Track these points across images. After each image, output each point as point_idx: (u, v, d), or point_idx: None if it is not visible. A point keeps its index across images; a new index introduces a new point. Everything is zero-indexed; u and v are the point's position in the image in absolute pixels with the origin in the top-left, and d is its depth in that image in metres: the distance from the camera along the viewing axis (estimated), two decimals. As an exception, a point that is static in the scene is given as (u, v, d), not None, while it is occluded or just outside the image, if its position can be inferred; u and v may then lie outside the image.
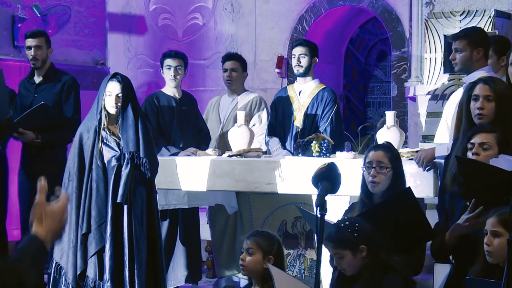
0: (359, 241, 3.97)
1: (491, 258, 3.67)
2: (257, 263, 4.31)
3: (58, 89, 6.82)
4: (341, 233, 4.00)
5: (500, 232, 3.62)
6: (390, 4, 8.42)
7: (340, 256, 4.01)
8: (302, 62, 6.44)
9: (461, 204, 4.18)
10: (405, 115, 8.26)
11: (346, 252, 3.98)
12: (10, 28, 8.55)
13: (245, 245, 4.37)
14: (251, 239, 4.36)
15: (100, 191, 5.14)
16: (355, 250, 3.98)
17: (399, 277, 3.97)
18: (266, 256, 4.31)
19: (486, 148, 4.15)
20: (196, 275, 6.56)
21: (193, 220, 6.52)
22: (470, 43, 5.18)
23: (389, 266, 3.98)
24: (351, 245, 3.97)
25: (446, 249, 4.21)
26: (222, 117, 6.88)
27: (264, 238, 4.36)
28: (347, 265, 4.01)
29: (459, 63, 5.22)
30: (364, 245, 3.97)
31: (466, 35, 5.24)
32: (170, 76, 6.45)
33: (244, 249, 4.36)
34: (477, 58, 5.19)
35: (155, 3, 9.65)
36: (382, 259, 3.99)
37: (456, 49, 5.22)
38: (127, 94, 5.23)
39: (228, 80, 6.80)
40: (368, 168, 4.43)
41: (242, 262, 4.34)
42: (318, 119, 6.44)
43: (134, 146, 5.15)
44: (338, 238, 4.00)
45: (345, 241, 3.98)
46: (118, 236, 5.12)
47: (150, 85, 9.56)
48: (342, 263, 4.02)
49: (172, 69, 6.45)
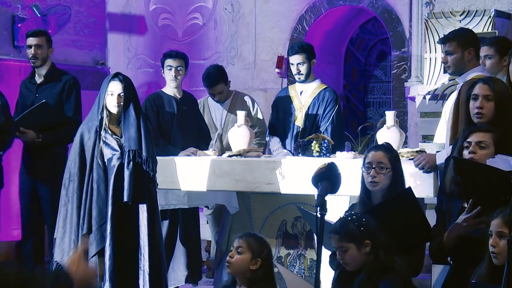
0: (364, 236, 3.99)
1: (497, 260, 3.64)
2: (244, 263, 4.29)
3: (59, 89, 6.82)
4: (348, 226, 4.03)
5: (506, 233, 3.60)
6: (390, 4, 8.42)
7: (345, 250, 4.02)
8: (301, 70, 6.46)
9: (458, 205, 4.19)
10: (405, 115, 8.26)
11: (351, 246, 4.00)
12: (10, 28, 8.56)
13: (236, 243, 4.35)
14: (243, 238, 4.35)
15: (101, 192, 5.14)
16: (360, 245, 4.00)
17: (398, 278, 3.97)
18: (254, 258, 4.30)
19: (482, 147, 4.15)
20: (196, 275, 6.56)
21: (194, 220, 6.52)
22: (461, 44, 5.19)
23: (389, 267, 3.99)
24: (356, 239, 3.99)
25: (445, 250, 4.21)
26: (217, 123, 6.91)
27: (255, 240, 4.35)
28: (350, 259, 4.02)
29: (451, 65, 5.23)
30: (369, 241, 3.99)
31: (455, 37, 5.24)
32: (171, 76, 6.45)
33: (234, 247, 4.34)
34: (469, 58, 5.20)
35: (155, 3, 9.65)
36: (382, 259, 3.99)
37: (447, 52, 5.23)
38: (129, 93, 5.24)
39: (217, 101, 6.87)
40: (367, 169, 4.43)
41: (229, 259, 4.32)
42: (319, 119, 6.45)
43: (136, 144, 5.15)
44: (344, 230, 4.02)
45: (351, 234, 4.00)
46: (119, 236, 5.12)
47: (150, 85, 9.56)
48: (346, 256, 4.03)
49: (173, 69, 6.45)
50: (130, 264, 5.16)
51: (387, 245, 4.03)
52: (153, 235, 5.21)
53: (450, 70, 5.29)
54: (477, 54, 5.27)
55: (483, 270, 3.74)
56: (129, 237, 5.16)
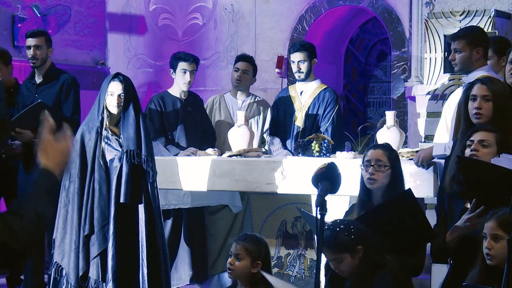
0: (356, 243, 3.95)
1: (492, 261, 3.64)
2: (245, 268, 4.29)
3: (58, 89, 6.81)
4: (339, 238, 3.96)
5: (501, 235, 3.60)
6: (390, 4, 8.42)
7: (339, 261, 3.98)
8: (302, 68, 6.46)
9: (460, 205, 4.18)
10: (405, 115, 8.26)
11: (345, 256, 3.95)
12: (10, 28, 8.56)
13: (233, 249, 4.33)
14: (240, 244, 4.32)
15: (102, 192, 5.13)
16: (354, 252, 3.95)
17: (389, 273, 3.95)
18: (254, 261, 4.29)
19: (485, 145, 4.15)
20: (201, 275, 6.52)
21: (198, 219, 6.49)
22: (470, 43, 5.16)
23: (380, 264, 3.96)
24: (350, 248, 3.94)
25: (447, 250, 4.20)
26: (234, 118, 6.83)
27: (252, 243, 4.33)
28: (346, 268, 3.98)
29: (458, 63, 5.20)
30: (361, 246, 3.97)
31: (465, 35, 5.21)
32: (186, 80, 6.44)
33: (233, 253, 4.31)
34: (477, 57, 5.18)
35: (155, 3, 9.66)
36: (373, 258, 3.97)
37: (455, 49, 5.19)
38: (129, 94, 5.23)
39: (238, 80, 6.80)
40: (366, 166, 4.43)
41: (230, 266, 4.31)
42: (319, 119, 6.45)
43: (134, 145, 5.15)
44: (336, 243, 3.95)
45: (344, 245, 3.94)
46: (121, 236, 5.11)
47: (150, 85, 9.57)
48: (341, 266, 3.98)
49: (187, 73, 6.44)
50: (132, 265, 5.16)
51: (377, 245, 4.00)
52: (153, 235, 5.20)
53: (457, 68, 5.26)
54: (485, 54, 5.24)
55: (476, 272, 3.74)
56: (130, 238, 5.16)
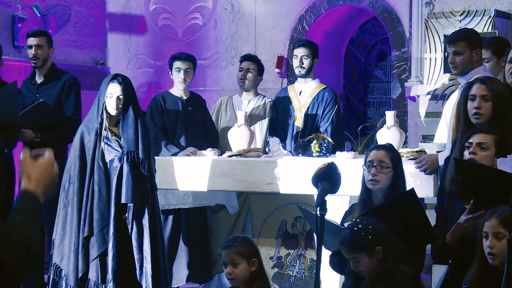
0: (374, 244, 3.93)
1: (494, 261, 3.61)
2: (245, 271, 4.29)
3: (59, 89, 6.81)
4: (356, 237, 3.95)
5: (503, 233, 3.57)
6: (390, 4, 8.42)
7: (357, 261, 3.97)
8: (304, 63, 6.48)
9: (460, 206, 4.17)
10: (405, 115, 8.26)
11: (363, 256, 3.94)
12: (10, 28, 8.56)
13: (226, 258, 4.31)
14: (231, 250, 4.30)
15: (102, 194, 5.13)
16: (371, 253, 3.93)
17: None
18: (250, 261, 4.29)
19: (483, 148, 4.14)
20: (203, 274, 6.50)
21: (199, 219, 6.48)
22: (469, 45, 5.13)
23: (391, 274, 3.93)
24: (367, 249, 3.93)
25: (447, 251, 4.20)
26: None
27: (242, 245, 4.32)
28: (364, 268, 3.96)
29: (460, 65, 5.15)
30: (380, 247, 3.95)
31: (465, 37, 5.19)
32: (180, 78, 6.46)
33: (227, 262, 4.30)
34: (477, 59, 5.17)
35: (155, 3, 9.66)
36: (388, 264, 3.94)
37: (455, 52, 5.16)
38: (128, 95, 5.23)
39: (241, 79, 6.80)
40: (368, 167, 4.42)
41: (230, 275, 4.29)
42: (318, 119, 6.45)
43: (134, 146, 5.15)
44: (353, 242, 3.95)
45: (361, 245, 3.93)
46: (121, 237, 5.11)
47: (150, 85, 9.56)
48: (359, 266, 3.98)
49: (182, 71, 6.46)
50: (132, 265, 5.16)
51: (397, 249, 3.98)
52: (154, 236, 5.21)
53: (457, 71, 5.20)
54: (481, 54, 5.24)
55: (474, 273, 3.72)
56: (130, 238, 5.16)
